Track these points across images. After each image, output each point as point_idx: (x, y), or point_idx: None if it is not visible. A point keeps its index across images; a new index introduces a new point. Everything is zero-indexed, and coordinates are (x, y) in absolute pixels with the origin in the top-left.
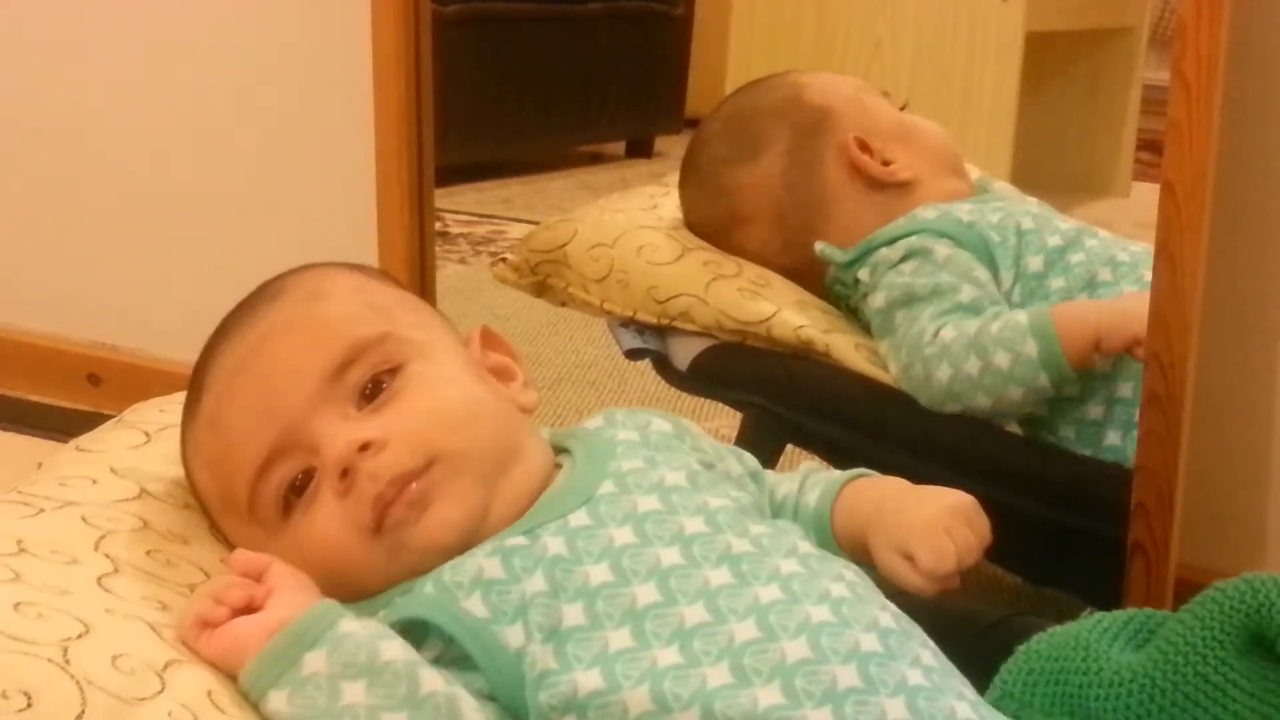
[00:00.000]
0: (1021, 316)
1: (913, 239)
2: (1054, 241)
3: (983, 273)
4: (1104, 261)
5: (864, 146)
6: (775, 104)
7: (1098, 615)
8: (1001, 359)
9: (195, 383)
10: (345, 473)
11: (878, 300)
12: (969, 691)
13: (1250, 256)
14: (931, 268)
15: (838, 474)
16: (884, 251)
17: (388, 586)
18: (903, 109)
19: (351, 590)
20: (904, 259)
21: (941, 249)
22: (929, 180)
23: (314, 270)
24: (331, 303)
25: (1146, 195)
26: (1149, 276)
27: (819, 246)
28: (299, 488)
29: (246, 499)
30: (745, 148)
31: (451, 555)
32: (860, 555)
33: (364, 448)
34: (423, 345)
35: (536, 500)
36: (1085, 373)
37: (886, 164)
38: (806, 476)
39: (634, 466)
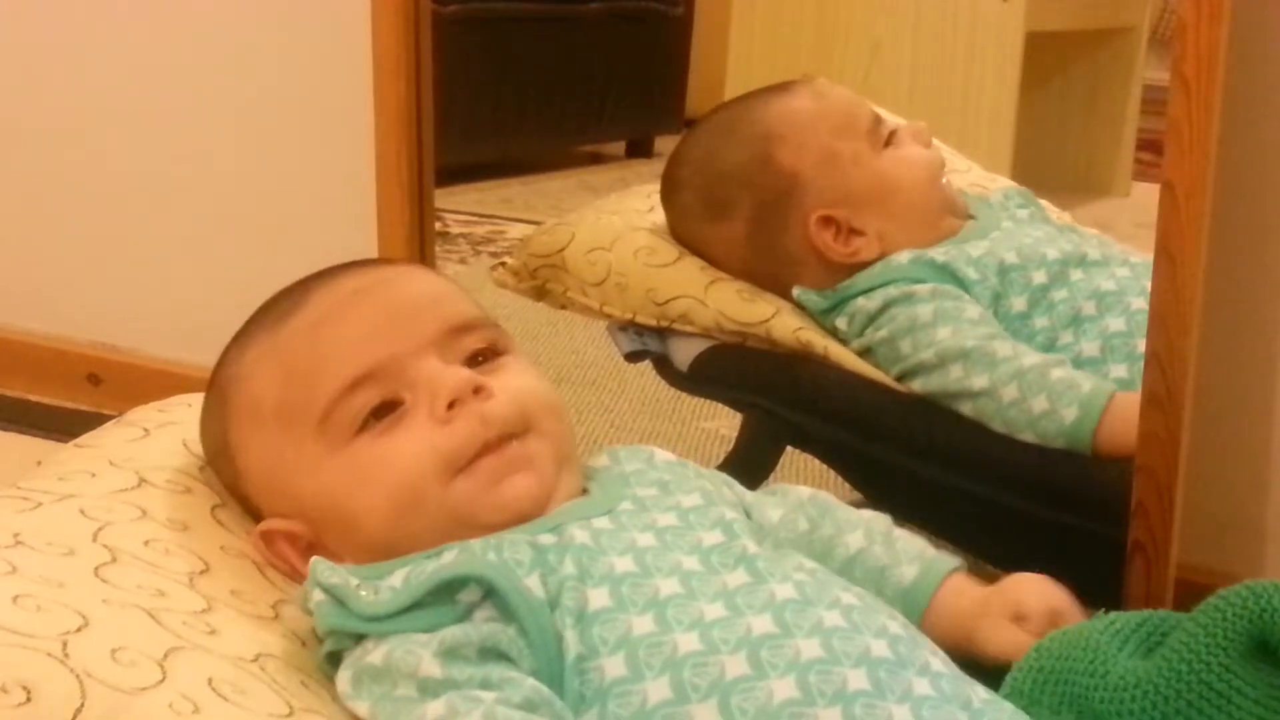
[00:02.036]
0: (1085, 383)
1: (890, 289)
2: (1039, 279)
3: (969, 299)
4: (1087, 295)
5: (829, 222)
6: (743, 166)
7: (1111, 615)
8: (1038, 404)
9: (294, 296)
10: (454, 404)
11: (879, 334)
12: (979, 695)
13: (1250, 256)
14: (921, 302)
15: (932, 558)
16: (861, 301)
17: (422, 535)
18: (889, 140)
19: (391, 524)
20: (884, 309)
21: (922, 288)
22: (902, 241)
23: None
24: (447, 282)
25: (1146, 195)
26: (1135, 304)
27: (796, 292)
28: (376, 414)
29: (324, 408)
30: (712, 207)
31: (499, 528)
32: (952, 648)
33: (478, 390)
34: (517, 347)
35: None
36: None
37: (855, 233)
38: (890, 532)
39: (649, 493)
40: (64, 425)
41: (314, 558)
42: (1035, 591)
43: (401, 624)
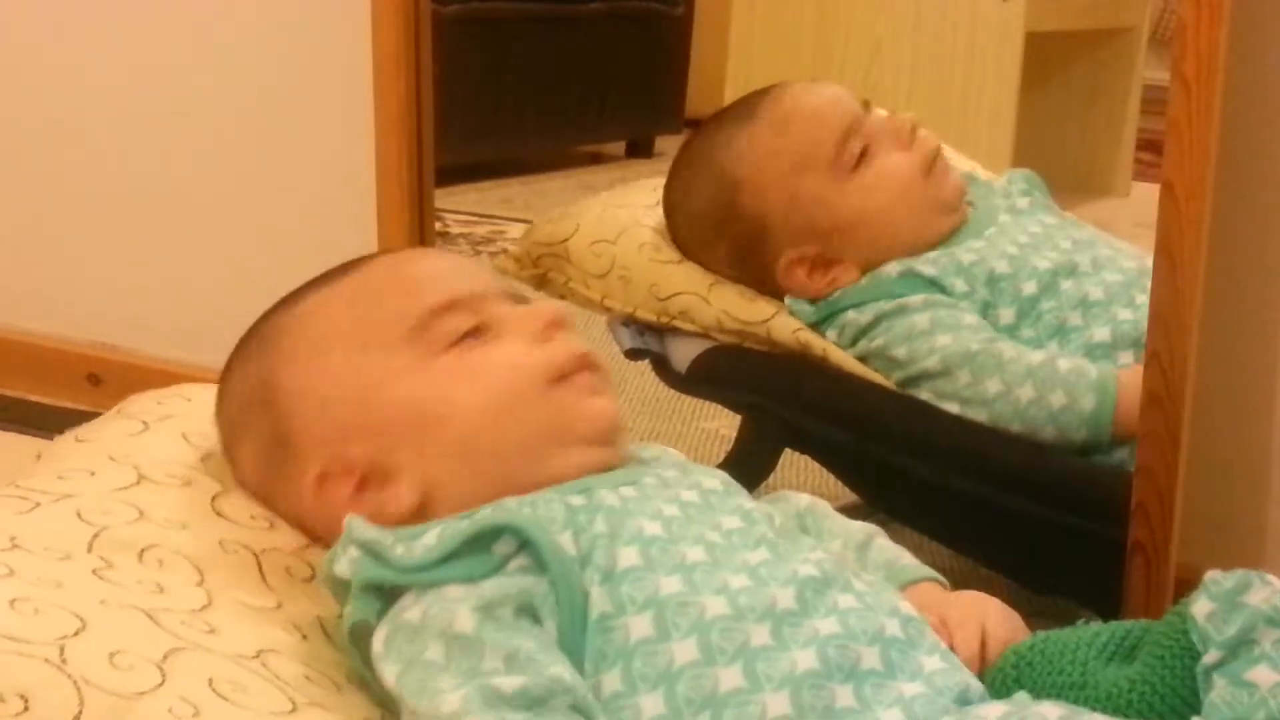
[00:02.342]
0: (1090, 369)
1: (881, 303)
2: (1028, 289)
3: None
4: (1074, 305)
5: (800, 262)
6: (713, 211)
7: (1094, 627)
8: (1057, 399)
9: (340, 268)
10: (553, 324)
11: (874, 344)
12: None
13: (1250, 256)
14: (916, 312)
15: (903, 564)
16: (851, 314)
17: (510, 442)
18: (862, 156)
19: (487, 422)
20: (877, 321)
21: (914, 300)
22: (884, 256)
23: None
24: None
25: (1146, 195)
26: (1122, 314)
27: (788, 301)
28: (464, 336)
29: (418, 319)
30: (696, 240)
31: (580, 448)
32: None
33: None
34: None
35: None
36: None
37: (833, 262)
38: (868, 543)
39: (671, 474)
40: (64, 425)
41: (349, 515)
42: (971, 619)
43: (439, 574)
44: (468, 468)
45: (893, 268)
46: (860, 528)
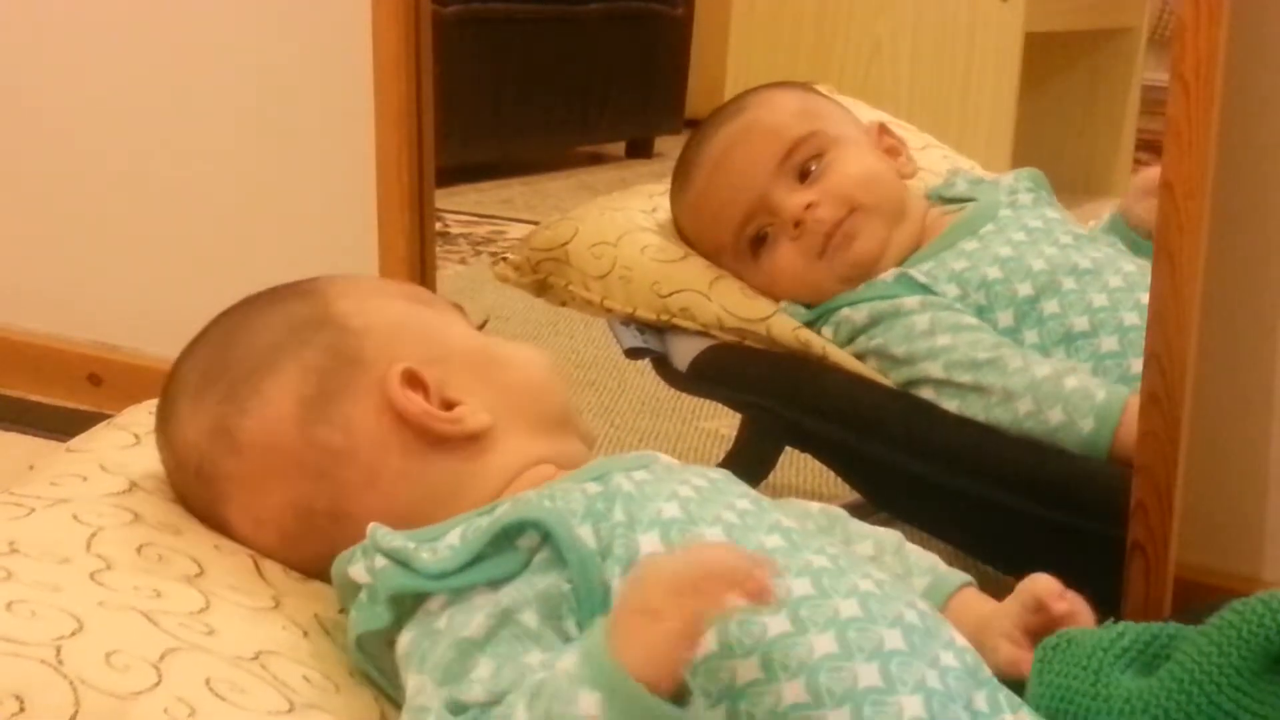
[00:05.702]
0: (1098, 392)
1: (877, 303)
2: (1024, 291)
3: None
4: (1080, 311)
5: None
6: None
7: (1120, 627)
8: (1054, 416)
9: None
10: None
11: (872, 342)
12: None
13: (1249, 256)
14: (914, 313)
15: (944, 572)
16: (846, 311)
17: (548, 411)
18: (762, 242)
19: (536, 384)
20: (874, 321)
21: (910, 301)
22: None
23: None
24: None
25: None
26: (1129, 319)
27: (782, 304)
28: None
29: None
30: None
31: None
32: None
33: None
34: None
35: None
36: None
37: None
38: (901, 547)
39: (674, 463)
40: (64, 425)
41: (372, 524)
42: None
43: (467, 577)
44: (521, 415)
45: (888, 275)
46: (887, 533)
